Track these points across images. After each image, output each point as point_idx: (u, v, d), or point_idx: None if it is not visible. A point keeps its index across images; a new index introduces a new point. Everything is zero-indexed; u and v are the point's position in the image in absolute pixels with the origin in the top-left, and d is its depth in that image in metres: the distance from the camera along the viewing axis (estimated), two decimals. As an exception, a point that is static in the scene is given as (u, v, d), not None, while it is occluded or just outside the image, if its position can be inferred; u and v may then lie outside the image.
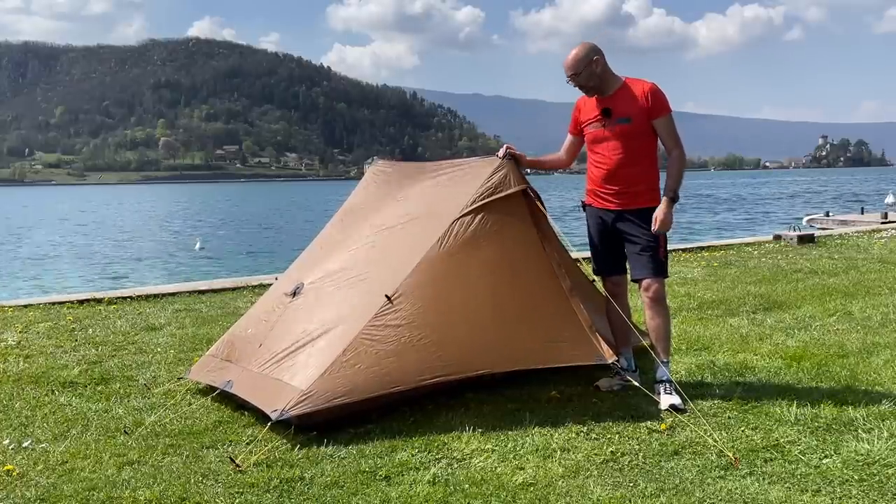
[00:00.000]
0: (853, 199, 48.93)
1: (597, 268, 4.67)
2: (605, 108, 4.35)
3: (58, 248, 31.41)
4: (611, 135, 4.35)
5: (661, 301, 4.36)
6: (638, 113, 4.30)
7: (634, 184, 4.35)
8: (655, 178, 4.43)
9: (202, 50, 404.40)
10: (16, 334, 6.53)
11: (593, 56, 4.31)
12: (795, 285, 8.01)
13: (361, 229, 4.90)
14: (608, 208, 4.43)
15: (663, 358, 4.35)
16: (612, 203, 4.41)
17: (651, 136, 4.35)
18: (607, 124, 4.35)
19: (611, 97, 4.36)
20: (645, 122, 4.31)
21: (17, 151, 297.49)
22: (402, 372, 3.97)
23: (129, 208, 72.37)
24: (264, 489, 3.29)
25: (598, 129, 4.39)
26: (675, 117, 4.39)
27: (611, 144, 4.36)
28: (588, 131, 4.46)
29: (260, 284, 8.78)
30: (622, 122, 4.31)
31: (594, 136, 4.43)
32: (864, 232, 14.45)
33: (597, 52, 4.34)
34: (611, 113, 4.33)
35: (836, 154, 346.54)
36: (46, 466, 3.59)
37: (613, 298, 4.54)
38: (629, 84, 4.37)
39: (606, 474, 3.37)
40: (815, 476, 3.28)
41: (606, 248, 4.54)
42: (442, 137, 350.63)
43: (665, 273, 4.38)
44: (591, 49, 4.34)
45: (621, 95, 4.35)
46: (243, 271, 19.42)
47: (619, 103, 4.33)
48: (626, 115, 4.31)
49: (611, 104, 4.35)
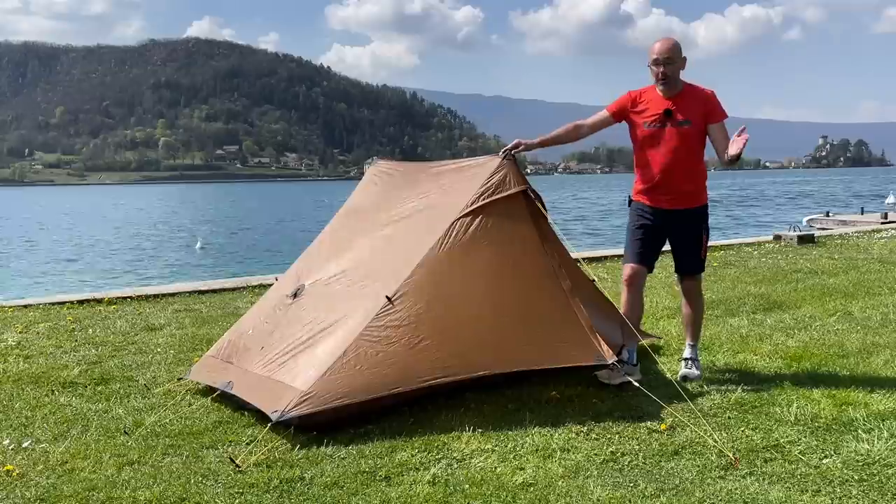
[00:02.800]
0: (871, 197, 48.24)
1: (629, 255, 4.71)
2: (666, 109, 4.46)
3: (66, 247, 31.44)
4: (670, 135, 4.47)
5: (699, 293, 4.82)
6: (697, 117, 4.46)
7: (686, 184, 4.53)
8: (704, 180, 4.65)
9: (202, 50, 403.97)
10: (16, 334, 6.53)
11: (683, 55, 4.51)
12: (795, 285, 8.01)
13: (362, 230, 4.90)
14: (661, 207, 4.57)
15: (691, 341, 4.79)
16: (665, 202, 4.56)
17: (703, 140, 4.53)
18: (668, 125, 4.46)
19: (674, 98, 4.49)
20: (702, 126, 4.48)
21: (17, 151, 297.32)
22: (403, 373, 3.97)
23: (129, 208, 72.30)
24: (264, 489, 3.29)
25: (655, 129, 4.49)
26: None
27: (668, 145, 4.48)
28: (644, 129, 4.54)
29: (260, 284, 8.79)
30: (683, 124, 4.45)
31: (651, 135, 4.52)
32: (864, 232, 14.45)
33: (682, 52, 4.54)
34: (672, 114, 4.45)
35: (836, 154, 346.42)
36: (46, 466, 3.59)
37: (629, 287, 4.63)
38: (689, 89, 4.53)
39: (606, 474, 3.37)
40: (815, 476, 3.29)
41: (647, 243, 4.66)
42: (442, 137, 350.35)
43: (703, 269, 4.80)
44: (681, 46, 4.52)
45: (684, 98, 4.50)
46: (243, 271, 19.41)
47: (682, 106, 4.47)
48: (688, 118, 4.45)
49: (673, 105, 4.47)
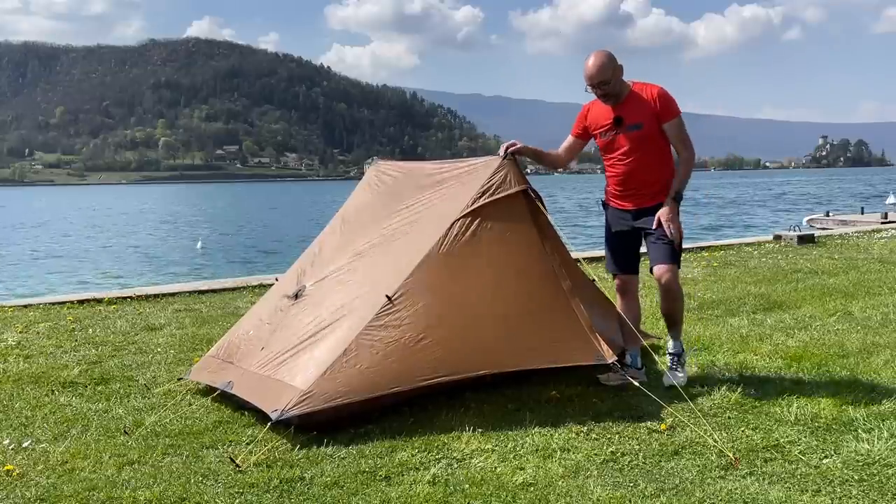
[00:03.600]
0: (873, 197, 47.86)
1: (611, 265, 4.75)
2: (616, 116, 4.39)
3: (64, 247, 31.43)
4: (623, 142, 4.41)
5: (673, 287, 4.52)
6: (648, 118, 4.35)
7: (649, 185, 4.45)
8: (670, 177, 4.50)
9: (202, 50, 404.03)
10: (16, 334, 6.53)
11: (617, 65, 4.34)
12: (795, 285, 8.01)
13: (362, 230, 4.90)
14: (625, 208, 4.53)
15: (676, 338, 4.60)
16: (629, 203, 4.52)
17: (662, 139, 4.42)
18: (619, 132, 4.40)
19: (621, 105, 4.40)
20: (655, 126, 4.37)
21: (17, 151, 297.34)
22: (403, 372, 3.97)
23: (129, 208, 72.27)
24: (264, 489, 3.29)
25: (610, 138, 4.46)
26: None
27: (623, 151, 4.43)
28: (600, 139, 4.51)
29: (260, 284, 8.79)
30: (633, 128, 4.37)
31: (606, 144, 4.49)
32: (864, 232, 14.45)
33: (617, 61, 4.36)
34: (622, 121, 4.37)
35: (836, 154, 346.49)
36: (46, 466, 3.59)
37: (622, 296, 4.67)
38: (637, 90, 4.40)
39: (606, 474, 3.37)
40: (815, 476, 3.28)
41: (621, 247, 4.65)
42: (442, 137, 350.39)
43: (677, 261, 4.52)
44: (613, 58, 4.35)
45: (630, 102, 4.38)
46: (243, 271, 19.42)
47: (630, 110, 4.37)
48: (637, 121, 4.35)
49: (621, 112, 4.38)
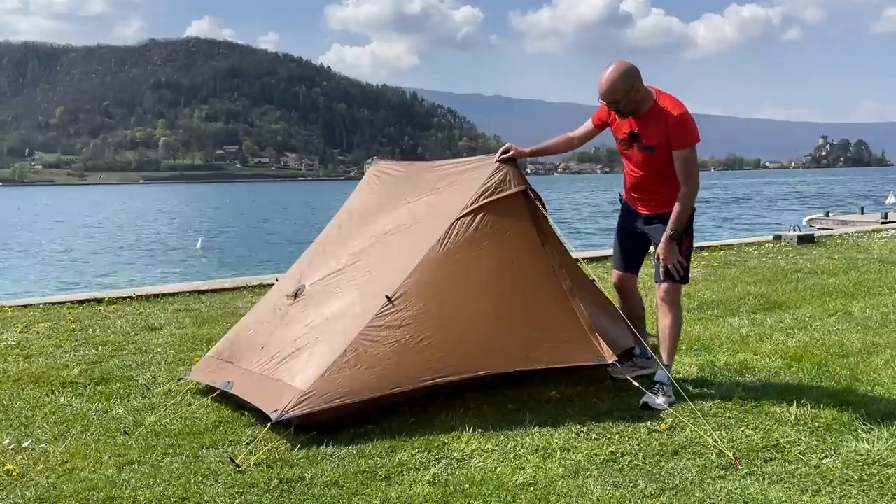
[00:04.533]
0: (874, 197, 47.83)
1: (615, 263, 4.74)
2: (632, 132, 4.31)
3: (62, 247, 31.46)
4: (637, 156, 4.38)
5: (671, 304, 4.40)
6: (661, 143, 4.23)
7: (661, 192, 4.36)
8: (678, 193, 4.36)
9: (202, 50, 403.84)
10: (16, 334, 6.53)
11: (633, 83, 4.12)
12: (795, 285, 8.00)
13: (362, 230, 4.90)
14: (638, 211, 4.53)
15: (665, 361, 4.35)
16: (641, 207, 4.50)
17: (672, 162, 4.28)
18: (634, 146, 4.36)
19: (640, 119, 4.26)
20: (667, 151, 4.22)
21: (17, 151, 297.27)
22: (403, 372, 3.97)
23: (130, 208, 72.29)
24: (264, 489, 3.29)
25: (625, 146, 4.43)
26: None
27: (637, 164, 4.41)
28: (618, 143, 4.50)
29: (260, 284, 8.78)
30: (646, 149, 4.31)
31: (623, 150, 4.48)
32: (864, 232, 14.45)
33: (636, 77, 4.14)
34: (637, 137, 4.31)
35: (836, 154, 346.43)
36: (46, 466, 3.59)
37: (620, 293, 4.68)
38: (659, 108, 4.19)
39: (606, 474, 3.37)
40: (815, 476, 3.29)
41: (627, 245, 4.64)
42: (442, 137, 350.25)
43: (679, 278, 4.36)
44: (630, 75, 4.12)
45: (649, 121, 4.23)
46: (243, 271, 19.40)
47: (646, 130, 4.25)
48: (651, 144, 4.27)
49: (639, 129, 4.28)
